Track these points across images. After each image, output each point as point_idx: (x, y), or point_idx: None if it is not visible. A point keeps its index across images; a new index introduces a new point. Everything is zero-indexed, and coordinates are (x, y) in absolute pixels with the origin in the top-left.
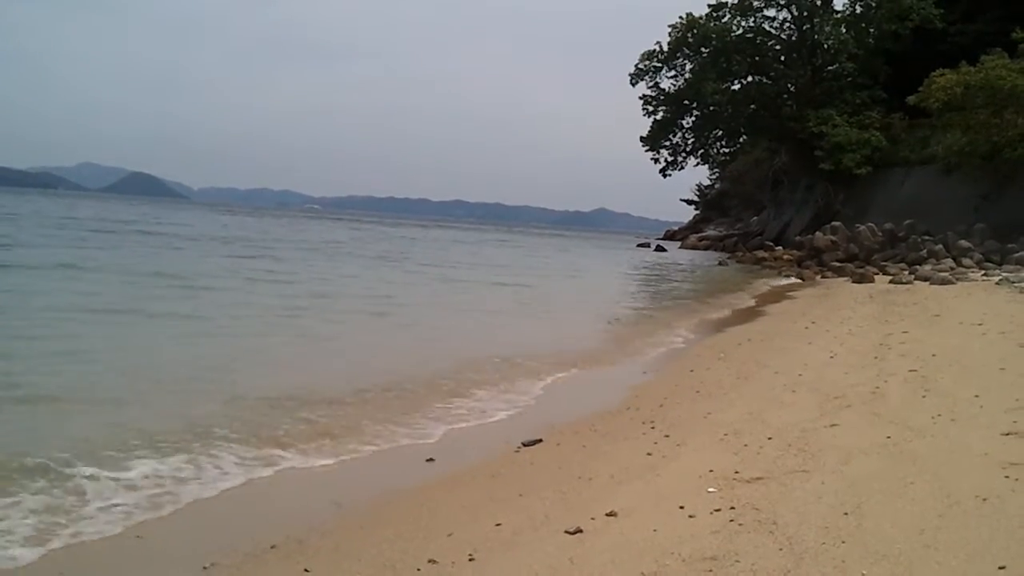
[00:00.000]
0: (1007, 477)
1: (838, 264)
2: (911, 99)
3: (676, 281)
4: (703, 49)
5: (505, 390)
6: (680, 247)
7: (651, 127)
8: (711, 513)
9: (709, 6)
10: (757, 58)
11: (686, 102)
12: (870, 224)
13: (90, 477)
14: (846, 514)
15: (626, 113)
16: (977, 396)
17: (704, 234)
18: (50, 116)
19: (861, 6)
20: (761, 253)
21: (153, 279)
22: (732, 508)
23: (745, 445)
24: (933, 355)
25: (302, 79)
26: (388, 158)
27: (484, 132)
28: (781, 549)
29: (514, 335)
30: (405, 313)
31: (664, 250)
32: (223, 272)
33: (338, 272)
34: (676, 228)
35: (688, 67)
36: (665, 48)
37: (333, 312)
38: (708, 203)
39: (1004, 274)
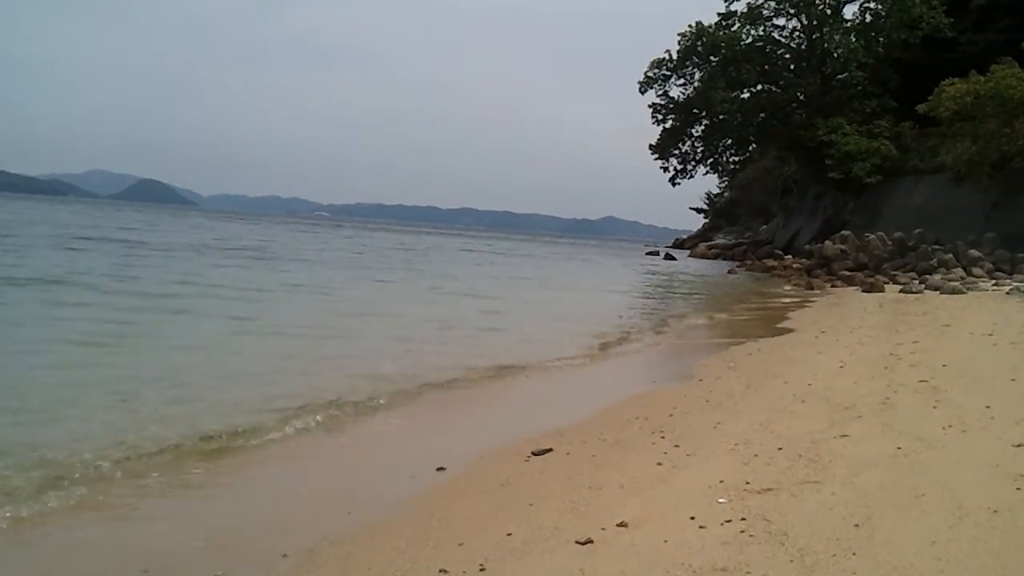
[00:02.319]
0: (1018, 489)
1: (848, 273)
2: (921, 108)
3: (685, 290)
4: (712, 58)
5: (515, 398)
6: (689, 255)
7: (660, 135)
8: (722, 524)
9: (719, 15)
10: (767, 67)
11: (695, 110)
12: (880, 233)
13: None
14: (857, 526)
15: (635, 121)
16: (988, 407)
17: (713, 242)
18: (60, 123)
19: (871, 15)
20: (770, 262)
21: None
22: (743, 519)
23: (755, 455)
24: (943, 365)
25: (310, 86)
26: (396, 165)
27: (492, 139)
28: (792, 561)
29: (528, 344)
30: (421, 320)
31: (673, 259)
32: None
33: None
34: (685, 236)
35: (697, 75)
36: (674, 56)
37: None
38: (717, 211)
39: (1015, 283)
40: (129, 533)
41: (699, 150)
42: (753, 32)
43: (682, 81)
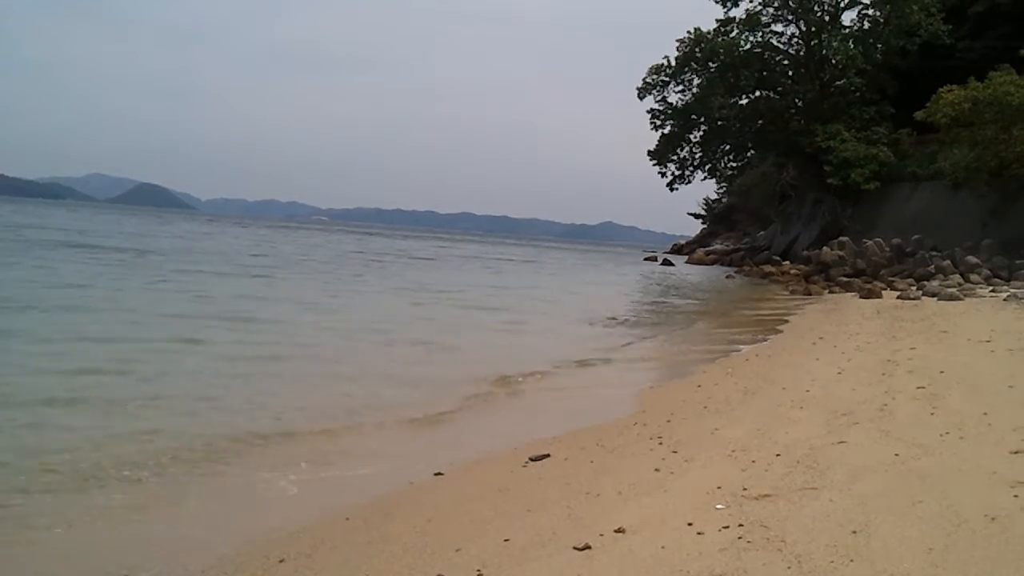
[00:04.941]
0: (1016, 496)
1: (845, 279)
2: (919, 114)
3: (682, 296)
4: (711, 64)
5: (514, 405)
6: (687, 261)
7: (659, 141)
8: (719, 530)
9: (717, 21)
10: (765, 73)
11: (694, 116)
12: (877, 239)
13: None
14: (854, 532)
15: (634, 127)
16: (985, 414)
17: (711, 248)
18: (58, 127)
19: (869, 22)
20: (768, 268)
21: None
22: (740, 525)
23: (753, 462)
24: (941, 372)
25: (309, 90)
26: (394, 170)
27: (490, 144)
28: (789, 567)
29: (527, 350)
30: (413, 326)
31: (671, 264)
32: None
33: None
34: (683, 242)
35: (696, 81)
36: (673, 63)
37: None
38: (715, 217)
39: (1012, 290)
40: (127, 536)
41: (697, 156)
42: (752, 38)
43: (681, 87)
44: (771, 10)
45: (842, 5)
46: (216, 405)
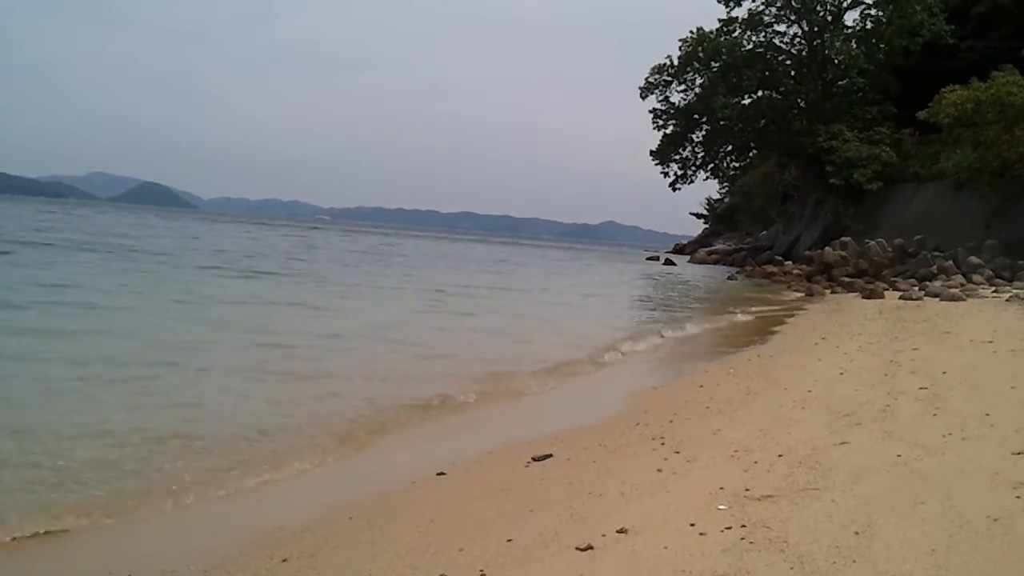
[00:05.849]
0: (1018, 497)
1: (848, 279)
2: (921, 114)
3: (685, 296)
4: (713, 63)
5: (516, 405)
6: (689, 261)
7: (661, 141)
8: (722, 531)
9: (719, 21)
10: (767, 73)
11: (696, 116)
12: (880, 240)
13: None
14: (856, 533)
15: (635, 126)
16: (988, 415)
17: (713, 248)
18: (60, 126)
19: (872, 22)
20: (770, 268)
21: None
22: (743, 526)
23: (755, 462)
24: (943, 372)
25: (311, 90)
26: (395, 169)
27: (492, 144)
28: (792, 568)
29: (530, 350)
30: (413, 327)
31: (673, 264)
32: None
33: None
34: (685, 242)
35: (698, 81)
36: (675, 62)
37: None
38: (717, 217)
39: (1014, 291)
40: (130, 535)
41: (699, 156)
42: (754, 38)
43: (683, 87)
44: (773, 10)
45: (844, 5)
46: (215, 407)
